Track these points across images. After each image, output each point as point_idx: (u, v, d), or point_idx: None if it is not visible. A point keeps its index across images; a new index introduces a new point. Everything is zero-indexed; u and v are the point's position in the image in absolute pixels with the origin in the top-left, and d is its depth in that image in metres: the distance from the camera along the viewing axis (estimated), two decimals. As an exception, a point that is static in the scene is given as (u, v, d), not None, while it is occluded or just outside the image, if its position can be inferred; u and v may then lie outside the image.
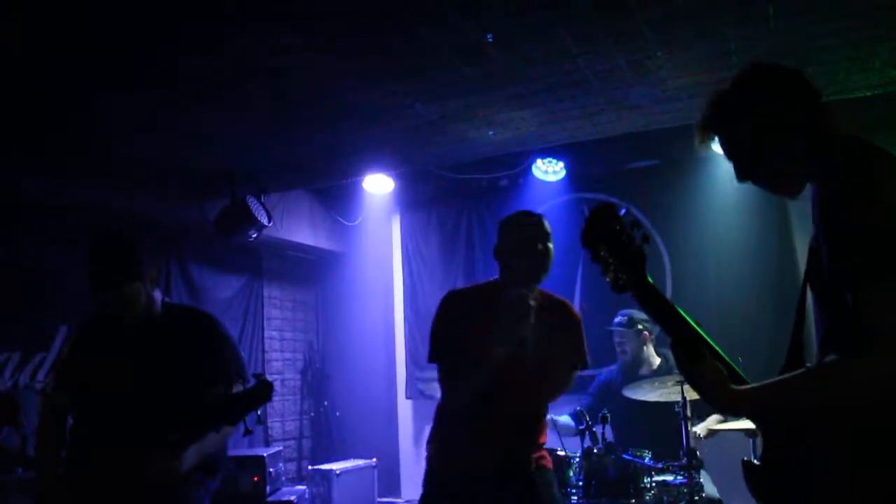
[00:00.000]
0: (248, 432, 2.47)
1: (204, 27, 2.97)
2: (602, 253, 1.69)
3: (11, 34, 2.91)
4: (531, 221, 2.73)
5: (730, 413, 1.66)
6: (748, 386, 1.58)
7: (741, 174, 1.68)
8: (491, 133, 4.28)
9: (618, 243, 1.68)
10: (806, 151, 1.60)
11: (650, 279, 1.67)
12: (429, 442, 2.81)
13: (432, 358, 2.74)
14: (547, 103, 3.90)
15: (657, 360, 4.61)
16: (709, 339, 1.65)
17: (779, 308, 5.24)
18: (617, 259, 1.67)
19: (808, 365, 1.57)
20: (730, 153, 1.69)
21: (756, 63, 1.69)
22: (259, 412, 2.48)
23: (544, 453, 2.79)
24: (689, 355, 1.60)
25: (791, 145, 1.60)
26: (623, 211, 1.70)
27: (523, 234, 2.69)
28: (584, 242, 1.72)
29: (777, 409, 1.53)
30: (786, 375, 1.53)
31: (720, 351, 1.65)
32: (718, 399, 1.59)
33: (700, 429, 4.07)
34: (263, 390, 2.47)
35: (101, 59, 3.17)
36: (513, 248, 2.69)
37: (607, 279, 1.69)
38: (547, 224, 2.72)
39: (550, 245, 2.71)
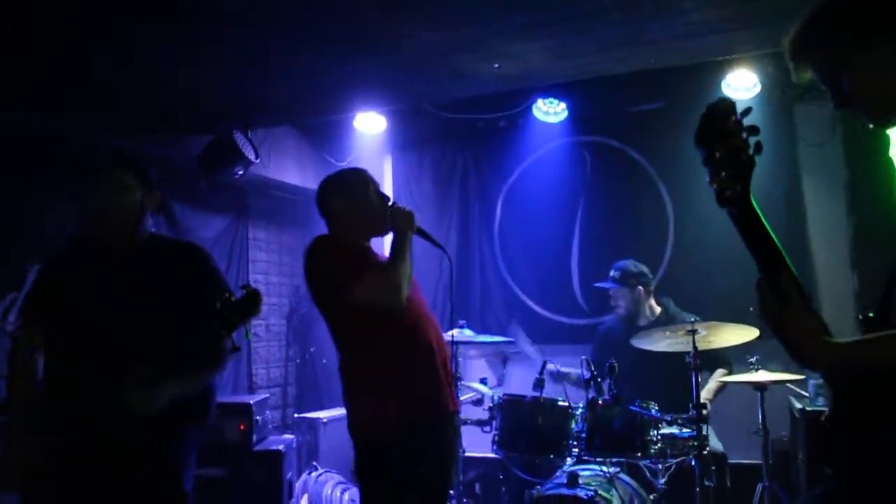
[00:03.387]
0: (235, 349, 2.41)
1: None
2: (717, 155, 1.41)
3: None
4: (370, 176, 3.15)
5: (813, 368, 1.48)
6: (846, 340, 1.40)
7: (838, 100, 1.51)
8: (496, 66, 4.01)
9: (734, 147, 1.41)
10: None
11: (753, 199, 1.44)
12: None
13: None
14: (560, 35, 3.62)
15: (657, 310, 4.54)
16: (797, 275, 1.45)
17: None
18: (729, 165, 1.40)
19: None
20: (825, 77, 1.52)
21: None
22: (248, 326, 2.36)
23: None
24: (781, 297, 1.41)
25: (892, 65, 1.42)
26: (742, 111, 1.44)
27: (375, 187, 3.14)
28: (698, 140, 1.44)
29: (878, 366, 1.36)
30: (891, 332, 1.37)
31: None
32: (809, 351, 1.41)
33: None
34: (252, 301, 2.35)
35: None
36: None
37: (713, 185, 1.43)
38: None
39: None
